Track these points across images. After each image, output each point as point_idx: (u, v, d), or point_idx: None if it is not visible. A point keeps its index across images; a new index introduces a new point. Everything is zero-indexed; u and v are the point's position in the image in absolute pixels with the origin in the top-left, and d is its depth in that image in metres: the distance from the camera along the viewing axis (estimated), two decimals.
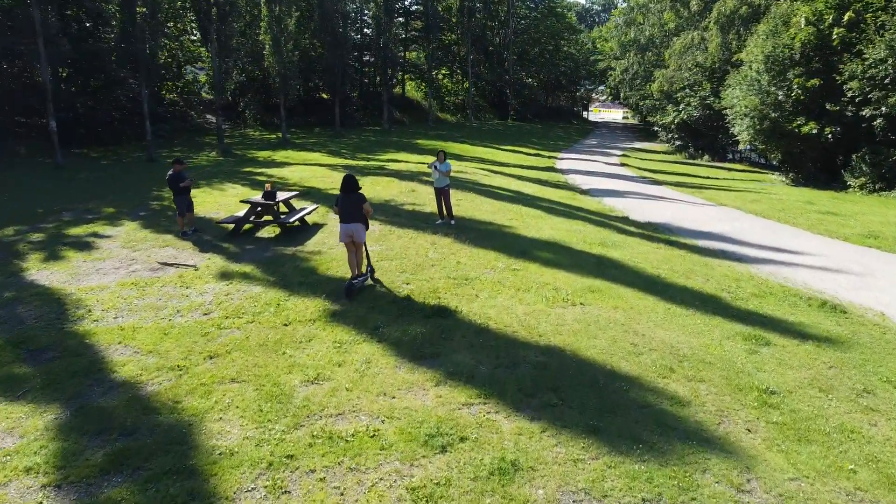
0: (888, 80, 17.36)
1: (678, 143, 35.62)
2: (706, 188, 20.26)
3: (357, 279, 7.90)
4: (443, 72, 52.30)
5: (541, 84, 60.98)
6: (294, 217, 10.85)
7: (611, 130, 57.57)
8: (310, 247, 10.02)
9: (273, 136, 30.60)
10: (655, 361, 5.94)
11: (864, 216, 14.14)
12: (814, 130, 19.40)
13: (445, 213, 11.62)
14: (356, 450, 4.46)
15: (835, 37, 19.28)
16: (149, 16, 20.82)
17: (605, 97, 74.43)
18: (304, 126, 34.77)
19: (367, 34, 43.48)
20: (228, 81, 25.54)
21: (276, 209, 10.72)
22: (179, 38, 31.14)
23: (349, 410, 5.01)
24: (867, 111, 18.03)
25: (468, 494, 3.96)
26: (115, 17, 23.93)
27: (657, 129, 38.86)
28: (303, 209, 11.69)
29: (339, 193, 7.92)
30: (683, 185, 20.96)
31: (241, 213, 10.92)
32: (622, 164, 28.27)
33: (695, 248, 11.01)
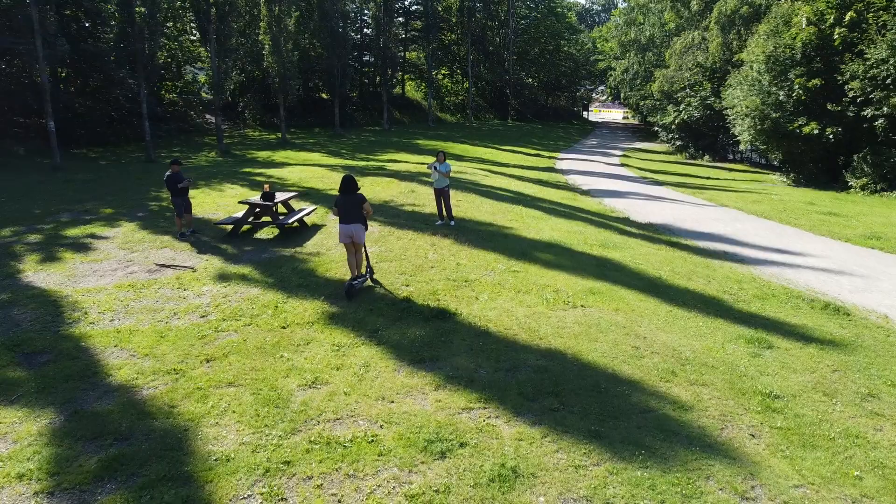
0: (890, 81, 17.30)
1: (679, 144, 35.55)
2: (707, 189, 20.20)
3: (357, 280, 7.84)
4: (443, 72, 52.28)
5: (541, 84, 60.94)
6: (293, 218, 10.78)
7: (611, 130, 57.51)
8: (308, 248, 9.95)
9: (272, 137, 30.54)
10: (657, 365, 5.87)
11: (866, 217, 14.08)
12: (815, 131, 19.34)
13: (445, 214, 11.56)
14: (354, 456, 4.39)
15: (836, 37, 19.22)
16: (148, 16, 20.76)
17: (606, 97, 74.37)
18: (304, 126, 34.71)
19: (367, 34, 43.46)
20: (228, 81, 25.44)
21: (275, 210, 10.65)
22: (179, 39, 31.06)
23: (347, 415, 4.94)
24: (869, 111, 17.98)
25: (468, 502, 3.89)
26: (114, 17, 23.88)
27: (657, 130, 38.79)
28: (302, 210, 11.62)
29: (339, 194, 7.85)
30: (684, 186, 20.90)
31: (240, 214, 10.85)
32: (622, 165, 28.22)
33: (696, 250, 10.95)
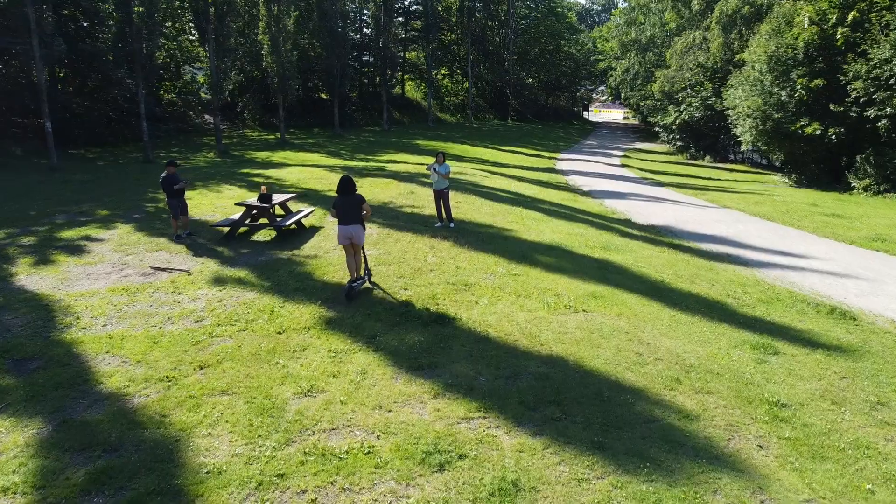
0: (893, 81, 17.15)
1: (679, 144, 35.40)
2: (708, 190, 20.05)
3: (356, 282, 7.73)
4: (443, 72, 52.13)
5: (541, 84, 60.80)
6: (290, 220, 10.65)
7: (611, 131, 57.36)
8: (306, 250, 9.81)
9: (272, 137, 30.40)
10: (661, 372, 5.74)
11: (870, 219, 13.93)
12: (817, 131, 19.20)
13: (444, 216, 11.42)
14: (350, 468, 4.25)
15: (839, 37, 19.07)
16: (146, 15, 20.61)
17: (606, 97, 74.18)
18: (303, 126, 34.56)
19: (367, 34, 43.31)
20: (226, 82, 25.31)
21: (272, 212, 10.52)
22: (177, 38, 30.90)
23: (343, 425, 4.81)
24: (872, 112, 17.83)
25: None
26: (112, 17, 23.74)
27: (658, 130, 38.64)
28: (299, 212, 11.49)
29: (337, 195, 7.73)
30: (685, 187, 20.76)
31: (237, 216, 10.71)
32: (623, 165, 28.07)
33: (699, 252, 10.81)
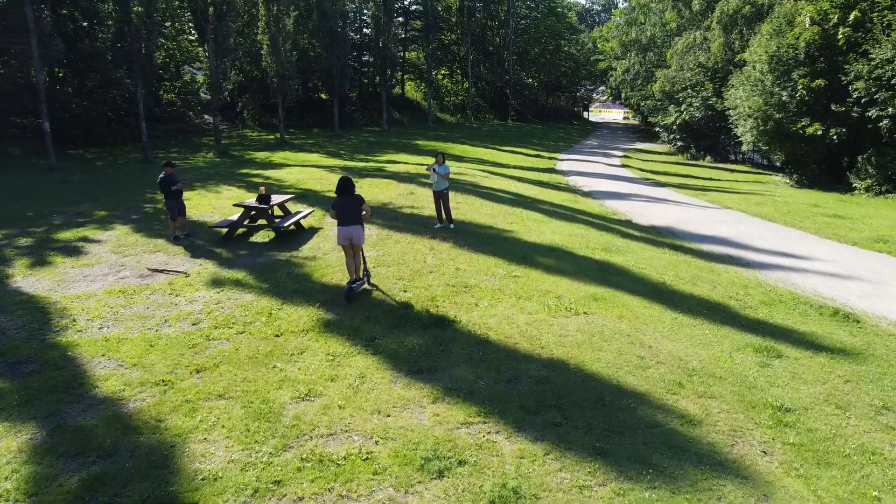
0: (895, 81, 17.08)
1: (680, 144, 35.32)
2: (709, 190, 19.98)
3: (355, 283, 7.68)
4: (443, 72, 52.06)
5: (541, 84, 60.72)
6: (289, 221, 10.58)
7: (611, 131, 57.28)
8: (305, 252, 9.74)
9: (271, 137, 30.34)
10: (663, 376, 5.67)
11: (872, 220, 13.86)
12: (819, 132, 19.12)
13: (444, 217, 11.35)
14: (348, 475, 4.18)
15: (840, 36, 19.00)
16: (145, 15, 20.54)
17: (606, 97, 74.09)
18: (303, 127, 34.50)
19: (367, 34, 43.25)
20: (226, 82, 25.21)
21: (271, 213, 10.45)
22: (177, 38, 30.85)
23: (341, 430, 4.74)
24: (873, 112, 17.75)
25: None
26: (111, 17, 23.67)
27: (659, 130, 38.56)
28: (298, 213, 11.42)
29: (336, 196, 7.66)
30: (686, 187, 20.69)
31: (235, 217, 10.64)
32: (623, 166, 28.00)
33: (700, 253, 10.74)
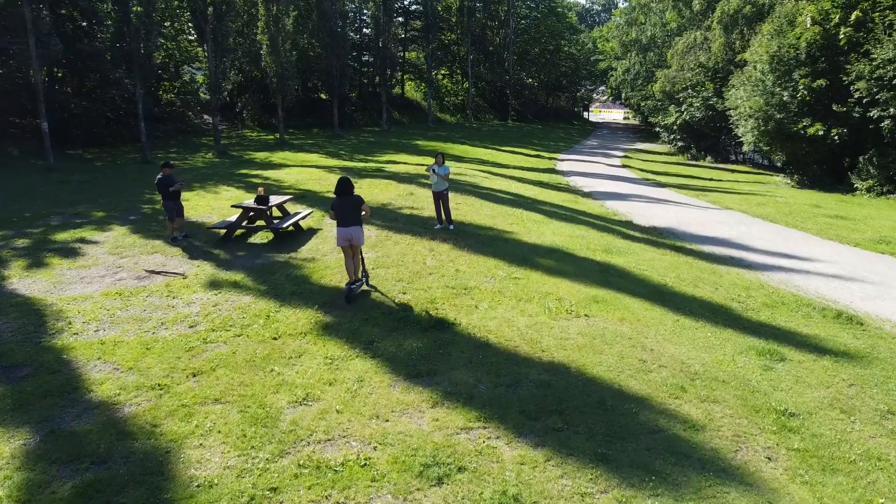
0: None
1: (680, 145, 35.25)
2: (710, 191, 19.91)
3: (355, 284, 7.62)
4: (442, 72, 51.97)
5: (541, 84, 60.63)
6: (288, 222, 10.50)
7: (611, 131, 57.20)
8: (303, 253, 9.67)
9: (271, 137, 30.27)
10: (666, 380, 5.60)
11: (874, 220, 13.79)
12: (820, 132, 19.05)
13: (444, 218, 11.28)
14: (346, 481, 4.12)
15: (841, 36, 18.94)
16: (144, 15, 20.47)
17: (606, 97, 74.00)
18: (303, 127, 34.43)
19: (366, 34, 43.19)
20: (225, 82, 25.15)
21: (270, 214, 10.38)
22: (176, 38, 30.79)
23: (339, 435, 4.67)
24: (875, 112, 17.68)
25: None
26: (111, 17, 23.60)
27: (659, 130, 38.48)
28: (297, 214, 11.35)
29: (335, 197, 7.60)
30: (687, 188, 20.62)
31: (233, 218, 10.57)
32: (624, 166, 27.93)
33: (701, 255, 10.68)
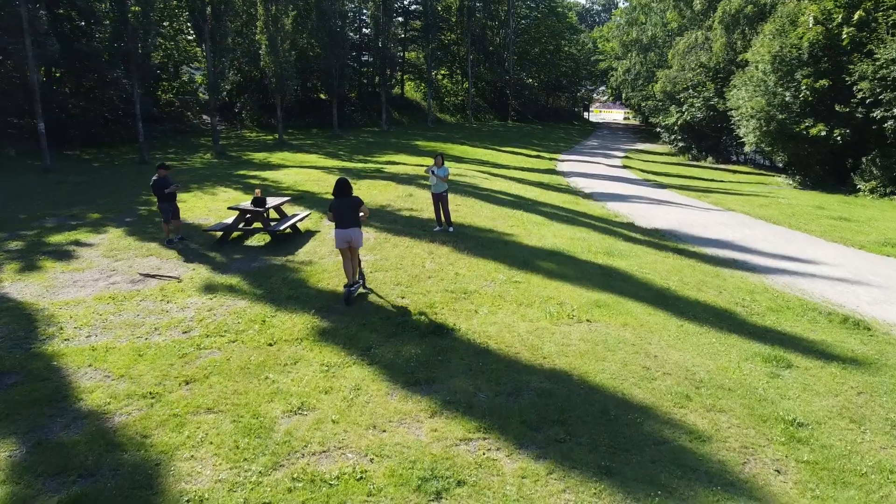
0: None
1: (681, 145, 35.11)
2: (712, 192, 19.77)
3: (354, 286, 7.52)
4: (442, 72, 51.83)
5: (541, 84, 60.48)
6: (285, 224, 10.36)
7: (612, 131, 57.06)
8: (301, 256, 9.53)
9: (270, 138, 30.13)
10: (670, 388, 5.46)
11: (879, 222, 13.65)
12: (822, 132, 18.90)
13: (444, 220, 11.14)
14: (341, 496, 3.98)
15: (844, 36, 18.79)
16: (142, 15, 20.34)
17: (607, 98, 73.87)
18: (302, 127, 34.29)
19: (366, 34, 43.07)
20: (224, 82, 25.01)
21: (267, 216, 10.24)
22: (175, 38, 30.64)
23: (335, 447, 4.53)
24: (878, 113, 17.53)
25: None
26: (108, 17, 23.47)
27: (660, 131, 38.35)
28: (295, 216, 11.21)
29: (334, 198, 7.47)
30: (688, 189, 20.48)
31: (230, 221, 10.43)
32: (625, 167, 27.79)
33: (704, 257, 10.53)
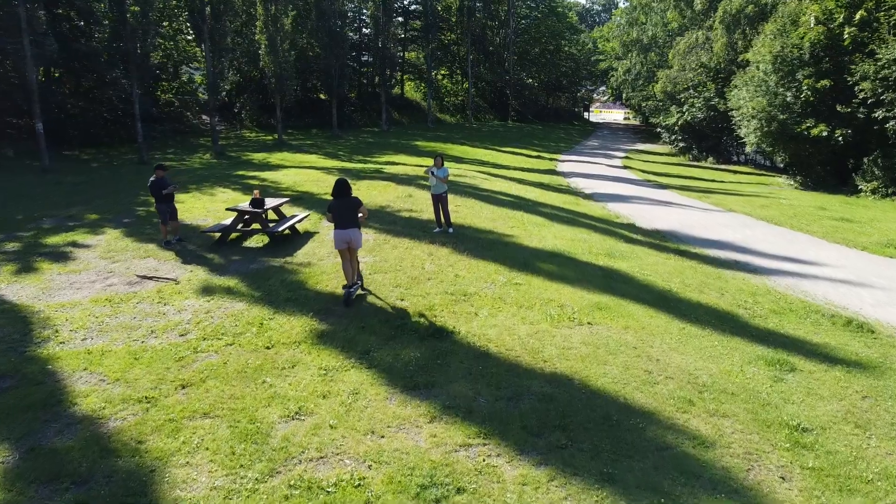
0: None
1: (682, 145, 35.03)
2: (713, 192, 19.70)
3: (353, 287, 7.46)
4: (442, 72, 51.74)
5: (541, 84, 60.39)
6: (283, 226, 10.29)
7: (612, 131, 56.98)
8: (299, 257, 9.46)
9: (269, 138, 30.06)
10: (673, 392, 5.39)
11: (881, 223, 13.58)
12: (824, 133, 18.83)
13: (443, 221, 11.07)
14: (338, 503, 3.91)
15: (846, 36, 18.73)
16: (141, 15, 20.27)
17: (607, 98, 73.77)
18: (301, 127, 34.21)
19: (366, 34, 43.00)
20: (223, 82, 24.95)
21: (265, 217, 10.17)
22: (174, 38, 30.57)
23: (332, 453, 4.46)
24: (880, 113, 17.46)
25: None
26: (107, 17, 23.40)
27: (660, 131, 38.27)
28: (293, 216, 11.13)
29: (333, 198, 7.40)
30: (689, 189, 20.41)
31: (228, 222, 10.36)
32: (625, 167, 27.72)
33: (706, 259, 10.46)
